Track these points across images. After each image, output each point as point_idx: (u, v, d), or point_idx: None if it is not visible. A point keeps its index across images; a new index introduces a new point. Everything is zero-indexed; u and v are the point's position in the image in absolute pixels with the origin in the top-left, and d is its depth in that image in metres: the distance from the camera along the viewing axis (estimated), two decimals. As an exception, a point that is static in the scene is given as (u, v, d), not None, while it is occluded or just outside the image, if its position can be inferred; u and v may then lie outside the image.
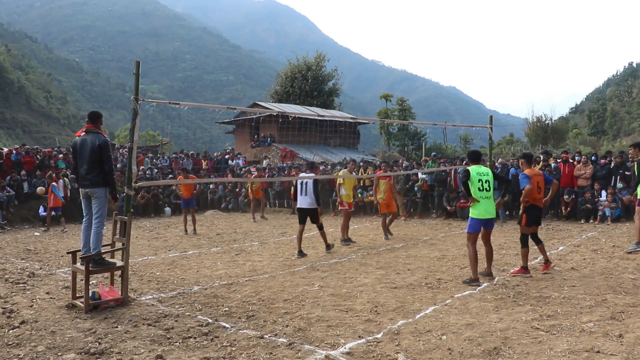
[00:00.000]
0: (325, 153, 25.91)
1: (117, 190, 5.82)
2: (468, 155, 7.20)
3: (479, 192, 6.35)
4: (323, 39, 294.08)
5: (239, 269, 7.60)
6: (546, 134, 31.01)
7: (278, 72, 38.14)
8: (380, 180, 10.58)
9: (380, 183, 10.56)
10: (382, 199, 10.49)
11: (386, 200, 10.50)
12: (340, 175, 10.47)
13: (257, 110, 25.27)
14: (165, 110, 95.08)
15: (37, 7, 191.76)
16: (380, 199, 10.52)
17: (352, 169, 11.41)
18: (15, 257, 8.94)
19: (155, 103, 7.38)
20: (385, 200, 10.50)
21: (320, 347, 4.10)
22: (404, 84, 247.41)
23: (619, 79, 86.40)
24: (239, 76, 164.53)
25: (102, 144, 5.56)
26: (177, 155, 22.01)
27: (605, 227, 11.23)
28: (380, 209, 10.70)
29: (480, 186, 6.35)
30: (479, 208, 6.36)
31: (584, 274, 6.59)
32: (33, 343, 4.27)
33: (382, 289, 6.01)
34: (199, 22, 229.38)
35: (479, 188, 6.35)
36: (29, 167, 16.35)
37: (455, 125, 23.45)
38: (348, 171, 11.01)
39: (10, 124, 70.09)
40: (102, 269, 5.70)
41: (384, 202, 10.50)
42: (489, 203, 6.40)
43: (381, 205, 10.60)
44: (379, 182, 10.60)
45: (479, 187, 6.35)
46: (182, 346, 4.18)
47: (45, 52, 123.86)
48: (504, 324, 4.52)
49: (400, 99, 36.96)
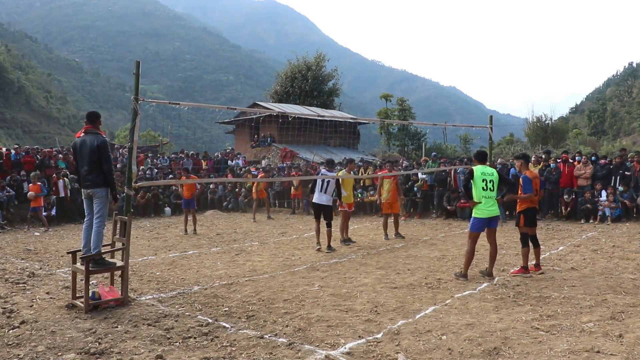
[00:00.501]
0: (325, 153, 25.90)
1: (117, 191, 5.82)
2: (475, 155, 7.20)
3: (483, 191, 6.39)
4: (323, 39, 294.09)
5: (239, 269, 7.60)
6: (546, 134, 31.01)
7: (278, 72, 38.13)
8: (384, 180, 10.51)
9: (384, 182, 10.47)
10: (386, 198, 10.40)
11: (390, 200, 10.40)
12: (339, 175, 10.41)
13: (257, 110, 25.27)
14: (165, 110, 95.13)
15: (37, 7, 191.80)
16: (385, 199, 10.44)
17: (351, 169, 11.18)
18: (15, 257, 8.94)
19: (155, 103, 7.38)
20: (389, 200, 10.40)
21: (320, 347, 4.10)
22: (404, 84, 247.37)
23: (619, 79, 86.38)
24: (239, 76, 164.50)
25: (101, 144, 5.56)
26: (176, 155, 22.00)
27: (605, 227, 11.23)
28: (384, 208, 10.64)
29: (484, 186, 6.39)
30: (482, 208, 6.39)
31: (584, 274, 6.59)
32: (33, 343, 4.27)
33: (382, 289, 6.01)
34: (199, 22, 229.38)
35: (483, 187, 6.38)
36: (29, 167, 16.33)
37: (455, 125, 23.46)
38: (347, 171, 10.82)
39: (10, 124, 70.08)
40: (102, 269, 5.70)
41: (388, 202, 10.42)
42: (492, 202, 6.42)
43: (384, 205, 10.54)
44: (383, 182, 10.54)
45: (482, 187, 6.38)
46: (182, 346, 4.18)
47: (45, 52, 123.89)
48: (504, 324, 4.53)
49: (400, 99, 36.95)
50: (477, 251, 8.61)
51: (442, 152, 27.61)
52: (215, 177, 18.56)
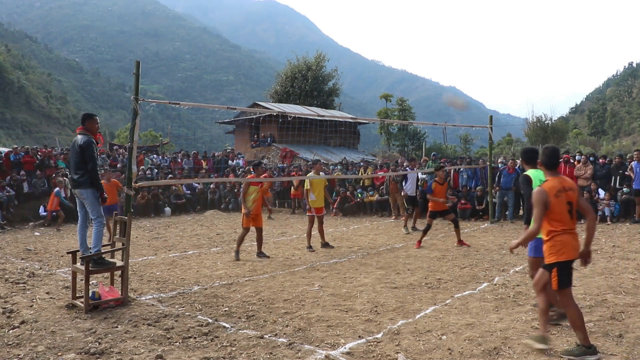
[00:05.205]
0: (325, 153, 25.91)
1: (103, 191, 5.74)
2: (523, 154, 5.17)
3: None
4: (323, 39, 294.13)
5: (239, 269, 7.60)
6: (546, 134, 31.03)
7: (278, 72, 38.17)
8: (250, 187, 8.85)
9: (250, 189, 8.78)
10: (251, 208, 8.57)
11: (254, 212, 8.70)
12: (308, 176, 9.60)
13: (257, 110, 25.27)
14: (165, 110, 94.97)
15: (37, 7, 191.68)
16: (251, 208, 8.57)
17: (318, 170, 10.09)
18: (15, 257, 8.94)
19: (155, 103, 7.39)
20: (253, 213, 8.66)
21: (320, 347, 4.10)
22: (404, 84, 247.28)
23: (619, 79, 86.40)
24: (239, 76, 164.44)
25: (83, 144, 5.53)
26: (176, 155, 21.97)
27: (605, 227, 11.22)
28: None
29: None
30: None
31: (584, 274, 6.59)
32: (33, 343, 4.27)
33: (382, 289, 6.01)
34: (199, 22, 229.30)
35: None
36: (29, 167, 16.34)
37: (455, 125, 23.50)
38: (315, 172, 9.89)
39: (10, 124, 70.03)
40: (102, 269, 5.70)
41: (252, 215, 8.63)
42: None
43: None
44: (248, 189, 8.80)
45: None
46: (182, 346, 4.18)
47: (45, 52, 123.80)
48: (504, 324, 4.53)
49: (400, 99, 37.01)
50: (477, 251, 8.63)
51: (442, 152, 27.63)
52: (216, 177, 18.54)
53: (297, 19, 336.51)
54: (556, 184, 3.83)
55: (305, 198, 9.45)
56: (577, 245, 3.78)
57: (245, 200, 8.53)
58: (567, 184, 3.87)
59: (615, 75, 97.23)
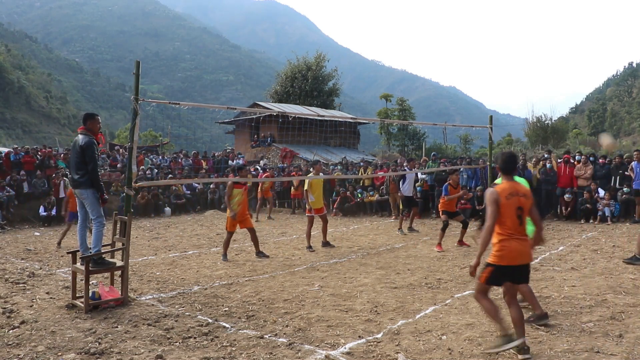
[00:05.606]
0: (325, 153, 25.90)
1: (104, 192, 5.74)
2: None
3: None
4: (323, 39, 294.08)
5: (239, 269, 7.60)
6: (546, 134, 31.00)
7: (278, 72, 38.14)
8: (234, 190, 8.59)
9: (233, 193, 8.50)
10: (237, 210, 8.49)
11: (241, 214, 8.64)
12: (308, 177, 9.54)
13: (257, 110, 25.25)
14: (165, 110, 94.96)
15: (37, 7, 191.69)
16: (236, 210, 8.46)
17: (318, 170, 10.20)
18: (15, 257, 8.94)
19: (155, 103, 7.38)
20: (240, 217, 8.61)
21: (320, 347, 4.10)
22: (404, 84, 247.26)
23: (619, 79, 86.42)
24: (239, 76, 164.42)
25: (83, 144, 5.55)
26: (176, 155, 21.95)
27: (605, 227, 11.23)
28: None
29: None
30: None
31: (584, 274, 6.59)
32: (33, 343, 4.27)
33: (382, 289, 6.01)
34: (199, 22, 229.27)
35: None
36: (29, 167, 16.35)
37: (455, 125, 23.50)
38: (315, 173, 9.98)
39: (10, 124, 70.02)
40: (102, 269, 5.71)
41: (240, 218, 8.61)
42: None
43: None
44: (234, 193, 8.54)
45: None
46: (182, 346, 4.18)
47: (45, 52, 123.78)
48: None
49: (400, 99, 36.97)
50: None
51: (442, 152, 27.61)
52: (216, 177, 18.54)
53: (297, 19, 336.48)
54: (509, 187, 3.92)
55: (305, 198, 9.48)
56: (523, 250, 3.86)
57: (230, 203, 8.45)
58: (521, 190, 3.94)
59: (615, 75, 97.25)
